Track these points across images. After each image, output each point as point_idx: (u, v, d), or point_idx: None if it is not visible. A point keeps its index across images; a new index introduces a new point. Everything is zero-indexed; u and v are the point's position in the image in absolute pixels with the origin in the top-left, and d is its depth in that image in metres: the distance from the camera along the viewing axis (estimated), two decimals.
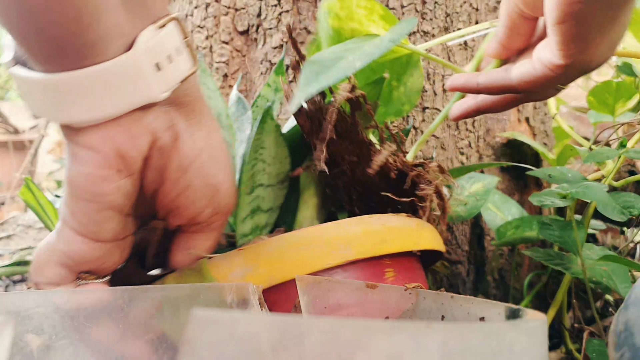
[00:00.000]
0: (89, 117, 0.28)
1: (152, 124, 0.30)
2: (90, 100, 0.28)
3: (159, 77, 0.29)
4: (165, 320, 0.31)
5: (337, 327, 0.18)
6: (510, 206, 0.65)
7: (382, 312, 0.32)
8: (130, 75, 0.28)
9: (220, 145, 0.34)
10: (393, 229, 0.37)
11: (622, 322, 0.34)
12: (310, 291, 0.32)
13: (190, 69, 0.31)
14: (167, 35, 0.29)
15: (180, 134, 0.31)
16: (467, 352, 0.18)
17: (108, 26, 0.27)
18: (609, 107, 0.70)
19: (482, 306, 0.29)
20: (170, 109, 0.31)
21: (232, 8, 0.67)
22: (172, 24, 0.30)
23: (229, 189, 0.34)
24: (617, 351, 0.33)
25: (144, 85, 0.28)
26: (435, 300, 0.30)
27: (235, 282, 0.34)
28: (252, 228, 0.43)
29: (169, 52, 0.30)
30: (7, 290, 0.82)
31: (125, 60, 0.27)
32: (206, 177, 0.32)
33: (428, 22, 0.63)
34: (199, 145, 0.32)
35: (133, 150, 0.29)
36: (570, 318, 0.63)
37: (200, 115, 0.32)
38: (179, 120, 0.31)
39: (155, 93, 0.29)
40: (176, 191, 0.32)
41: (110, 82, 0.27)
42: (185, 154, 0.31)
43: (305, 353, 0.18)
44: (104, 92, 0.27)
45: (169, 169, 0.31)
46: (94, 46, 0.27)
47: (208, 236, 0.35)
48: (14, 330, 0.28)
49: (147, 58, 0.28)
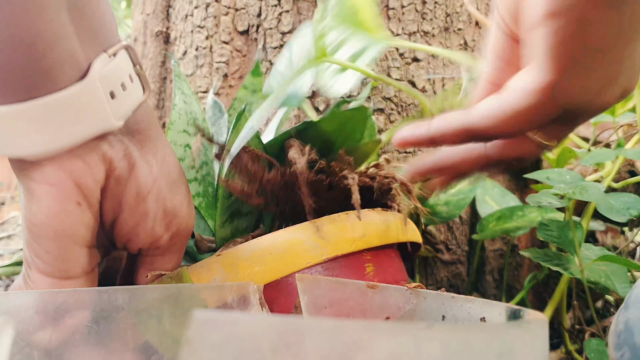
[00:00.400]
0: (43, 150, 0.27)
1: (107, 153, 0.29)
2: (44, 132, 0.26)
3: (113, 105, 0.28)
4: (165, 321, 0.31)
5: (338, 328, 0.18)
6: (509, 200, 0.64)
7: (383, 312, 0.32)
8: (86, 103, 0.27)
9: (177, 169, 0.34)
10: (370, 224, 0.37)
11: (622, 321, 0.34)
12: (310, 291, 0.32)
13: (142, 97, 0.31)
14: (120, 63, 0.29)
15: (136, 162, 0.31)
16: (468, 353, 0.18)
17: (63, 54, 0.26)
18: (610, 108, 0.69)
19: (482, 306, 0.29)
20: (124, 138, 0.30)
21: (232, 8, 0.67)
22: (123, 52, 0.30)
23: (187, 213, 0.34)
24: (617, 351, 0.33)
25: (99, 113, 0.28)
26: (436, 301, 0.30)
27: (235, 282, 0.34)
28: (232, 231, 0.43)
29: (122, 80, 0.29)
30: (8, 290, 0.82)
31: (80, 89, 0.27)
32: (164, 203, 0.32)
33: (428, 22, 0.63)
34: (155, 172, 0.32)
35: (91, 181, 0.29)
36: (570, 318, 0.63)
37: (154, 142, 0.32)
38: (134, 149, 0.31)
39: (111, 121, 0.28)
40: (134, 220, 0.32)
41: (66, 111, 0.26)
42: (141, 183, 0.31)
43: (306, 354, 0.18)
44: (58, 123, 0.27)
45: (126, 198, 0.31)
46: (47, 74, 0.26)
47: (170, 258, 0.35)
48: (14, 330, 0.28)
49: (102, 86, 0.28)
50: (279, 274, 0.34)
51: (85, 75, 0.27)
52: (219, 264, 0.34)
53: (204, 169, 0.45)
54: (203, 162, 0.46)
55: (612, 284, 0.51)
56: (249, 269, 0.33)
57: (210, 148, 0.46)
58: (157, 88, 0.79)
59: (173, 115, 0.43)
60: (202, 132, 0.39)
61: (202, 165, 0.45)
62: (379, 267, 0.38)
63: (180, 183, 0.34)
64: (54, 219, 0.28)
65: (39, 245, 0.29)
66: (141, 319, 0.30)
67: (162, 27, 0.77)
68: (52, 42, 0.25)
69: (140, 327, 0.30)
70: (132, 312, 0.30)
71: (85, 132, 0.28)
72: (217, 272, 0.34)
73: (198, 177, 0.45)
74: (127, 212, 0.31)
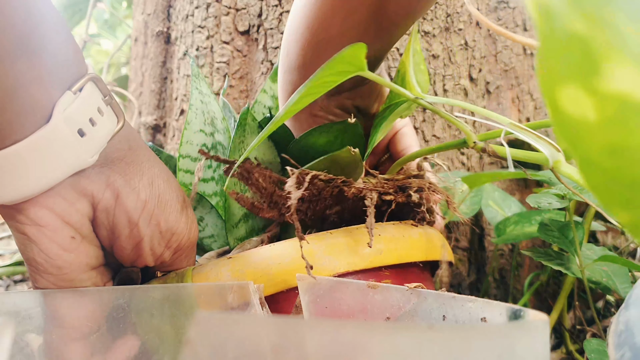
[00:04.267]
0: (19, 195, 0.27)
1: (87, 187, 0.29)
2: (14, 179, 0.26)
3: (84, 142, 0.28)
4: (165, 321, 0.31)
5: (338, 328, 0.18)
6: (510, 203, 0.65)
7: (383, 312, 0.32)
8: (53, 147, 0.27)
9: (168, 189, 0.33)
10: (389, 239, 0.36)
11: (622, 321, 0.33)
12: (311, 291, 0.32)
13: (116, 127, 0.31)
14: (86, 98, 0.28)
15: (120, 191, 0.30)
16: (469, 353, 0.18)
17: (24, 103, 0.25)
18: None
19: (483, 306, 0.28)
20: (103, 169, 0.30)
21: (233, 8, 0.66)
22: (90, 85, 0.29)
23: (186, 228, 0.34)
24: (618, 351, 0.33)
25: (69, 154, 0.27)
26: (437, 300, 0.30)
27: (236, 282, 0.34)
28: (248, 231, 0.42)
29: (90, 115, 0.29)
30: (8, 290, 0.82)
31: (44, 135, 0.26)
32: (158, 225, 0.32)
33: (429, 22, 0.63)
34: (143, 196, 0.31)
35: (76, 216, 0.29)
36: (571, 318, 0.63)
37: (139, 166, 0.32)
38: (116, 178, 0.30)
39: (84, 158, 0.28)
40: (131, 245, 0.32)
41: (33, 157, 0.26)
42: (130, 210, 0.31)
43: (306, 354, 0.18)
44: (28, 169, 0.26)
45: (119, 226, 0.31)
46: (10, 125, 0.25)
47: (180, 265, 0.35)
48: (14, 330, 0.28)
49: (68, 127, 0.27)
50: (285, 286, 0.33)
51: (50, 118, 0.26)
52: (227, 267, 0.34)
53: (221, 167, 0.45)
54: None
55: (614, 284, 0.51)
56: (252, 277, 0.33)
57: (228, 149, 0.46)
58: (158, 88, 0.79)
59: (189, 115, 0.43)
60: (207, 154, 0.39)
61: (219, 164, 0.45)
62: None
63: (174, 201, 0.33)
64: (53, 257, 0.29)
65: (47, 282, 0.29)
66: (141, 319, 0.30)
67: (162, 27, 0.77)
68: (10, 94, 0.25)
69: (140, 327, 0.30)
70: (132, 312, 0.30)
71: (57, 174, 0.27)
72: (224, 277, 0.33)
73: (215, 177, 0.45)
74: (122, 239, 0.31)
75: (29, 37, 0.25)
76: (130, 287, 0.31)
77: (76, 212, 0.29)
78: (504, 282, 0.68)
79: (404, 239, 0.37)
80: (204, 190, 0.44)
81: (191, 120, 0.43)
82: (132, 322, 0.30)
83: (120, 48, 1.33)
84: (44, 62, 0.26)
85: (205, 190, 0.44)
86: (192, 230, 0.35)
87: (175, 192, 0.34)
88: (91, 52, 1.61)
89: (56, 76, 0.27)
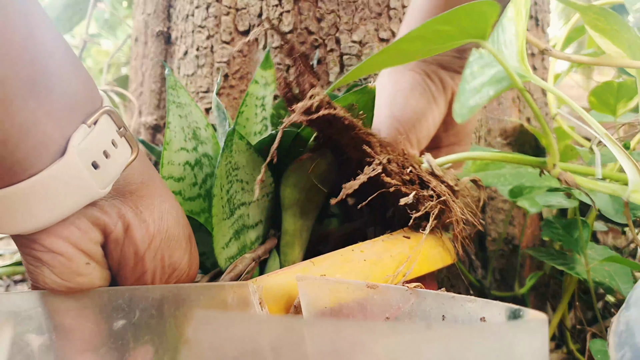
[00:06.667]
0: (34, 226, 0.27)
1: (100, 218, 0.30)
2: (30, 211, 0.27)
3: (97, 175, 0.28)
4: (165, 321, 0.31)
5: (338, 328, 0.18)
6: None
7: (383, 312, 0.32)
8: (67, 180, 0.27)
9: (176, 224, 0.34)
10: (374, 262, 0.36)
11: (623, 322, 0.33)
12: (310, 291, 0.32)
13: (129, 157, 0.31)
14: (100, 132, 0.29)
15: (131, 223, 0.31)
16: (468, 353, 0.18)
17: (36, 140, 0.26)
18: (610, 108, 0.70)
19: (483, 306, 0.28)
20: (115, 201, 0.30)
21: (233, 8, 0.66)
22: (104, 118, 0.29)
23: (187, 264, 0.34)
24: (618, 351, 0.33)
25: (83, 187, 0.28)
26: (436, 300, 0.30)
27: (235, 282, 0.34)
28: (240, 248, 0.42)
29: (104, 148, 0.29)
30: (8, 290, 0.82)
31: (58, 169, 0.27)
32: (162, 260, 0.33)
33: None
34: (152, 231, 0.32)
35: (90, 244, 0.29)
36: (571, 319, 0.63)
37: (149, 199, 0.32)
38: (127, 210, 0.31)
39: (96, 190, 0.29)
40: (134, 277, 0.32)
41: (47, 191, 0.27)
42: (138, 243, 0.31)
43: (306, 354, 0.18)
44: (42, 202, 0.27)
45: (124, 258, 0.31)
46: (25, 161, 0.26)
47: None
48: (14, 330, 0.28)
49: (82, 160, 0.27)
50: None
51: (64, 152, 0.27)
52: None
53: (208, 182, 0.44)
54: (207, 174, 0.44)
55: (617, 284, 0.51)
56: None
57: (215, 159, 0.44)
58: (158, 88, 0.79)
59: (168, 135, 0.41)
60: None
61: (205, 179, 0.44)
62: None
63: (181, 237, 0.34)
64: (68, 280, 0.29)
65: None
66: (141, 319, 0.30)
67: (163, 27, 0.77)
68: (24, 131, 0.25)
69: (140, 327, 0.30)
70: (132, 312, 0.30)
71: (70, 206, 0.28)
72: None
73: (202, 193, 0.43)
74: (126, 270, 0.32)
75: (40, 75, 0.25)
76: (129, 288, 0.31)
77: (89, 240, 0.29)
78: (504, 282, 0.68)
79: (390, 259, 0.37)
80: (192, 209, 0.43)
81: (170, 140, 0.41)
82: (132, 323, 0.30)
83: (120, 48, 1.33)
84: (56, 99, 0.27)
85: (193, 209, 0.43)
86: (192, 267, 0.35)
87: (182, 229, 0.34)
88: (91, 52, 1.61)
89: (69, 111, 0.27)
